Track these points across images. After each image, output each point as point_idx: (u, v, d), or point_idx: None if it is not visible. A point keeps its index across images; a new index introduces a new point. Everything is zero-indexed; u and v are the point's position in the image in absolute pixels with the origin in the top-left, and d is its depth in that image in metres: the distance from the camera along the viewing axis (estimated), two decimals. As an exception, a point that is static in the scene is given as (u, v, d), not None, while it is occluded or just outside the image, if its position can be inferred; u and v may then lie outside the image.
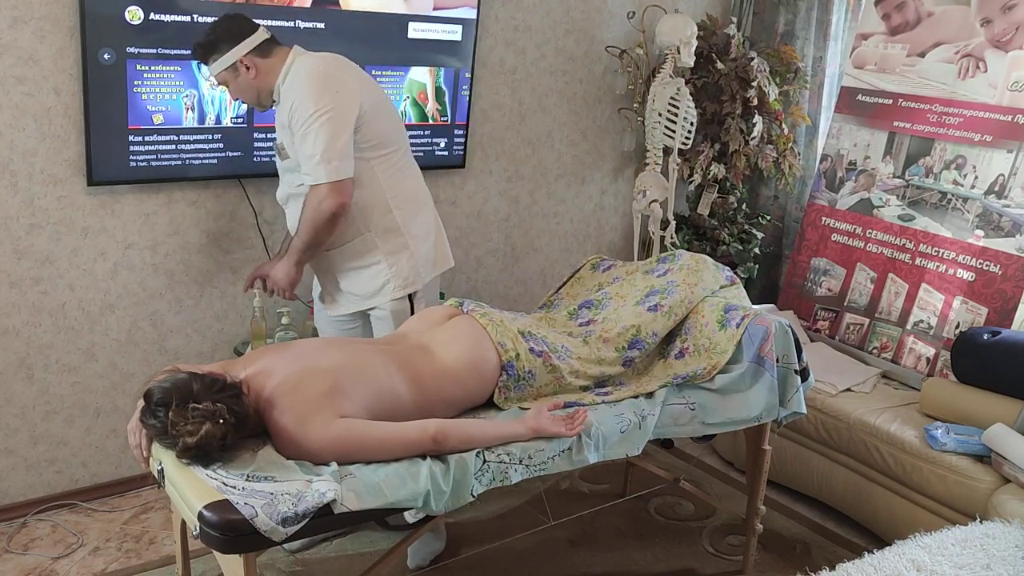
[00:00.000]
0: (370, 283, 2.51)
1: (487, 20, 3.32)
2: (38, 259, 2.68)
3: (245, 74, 2.38)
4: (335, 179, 2.31)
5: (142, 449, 1.90)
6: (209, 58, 2.39)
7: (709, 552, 2.80)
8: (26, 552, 2.62)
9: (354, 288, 2.53)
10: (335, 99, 2.32)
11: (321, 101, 2.30)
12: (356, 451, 1.84)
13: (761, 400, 2.32)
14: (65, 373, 2.80)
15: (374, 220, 2.47)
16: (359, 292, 2.53)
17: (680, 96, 3.37)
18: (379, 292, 2.51)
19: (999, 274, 2.98)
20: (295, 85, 2.35)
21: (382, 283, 2.50)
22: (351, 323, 2.65)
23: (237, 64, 2.37)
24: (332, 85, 2.34)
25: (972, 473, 2.57)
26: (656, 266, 2.58)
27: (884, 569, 1.89)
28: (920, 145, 3.32)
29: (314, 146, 2.30)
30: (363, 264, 2.50)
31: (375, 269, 2.50)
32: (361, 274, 2.51)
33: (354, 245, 2.48)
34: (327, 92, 2.32)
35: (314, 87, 2.32)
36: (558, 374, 2.22)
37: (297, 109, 2.31)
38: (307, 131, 2.30)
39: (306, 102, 2.30)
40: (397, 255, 2.50)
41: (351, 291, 2.54)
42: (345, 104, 2.34)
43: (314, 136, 2.29)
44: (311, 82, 2.33)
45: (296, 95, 2.33)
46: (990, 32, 3.14)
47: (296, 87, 2.34)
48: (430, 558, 2.63)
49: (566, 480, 3.17)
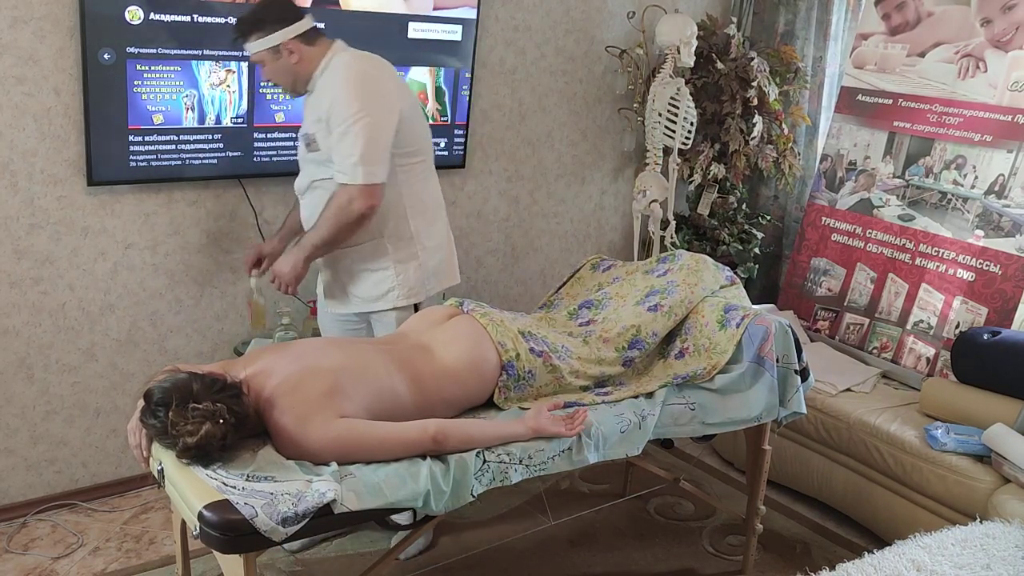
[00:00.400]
0: (375, 287, 2.51)
1: (487, 20, 3.32)
2: (38, 259, 2.68)
3: (287, 58, 2.37)
4: (370, 182, 2.31)
5: (142, 449, 1.90)
6: (251, 35, 2.36)
7: (709, 552, 2.80)
8: (26, 552, 2.62)
9: (359, 290, 2.53)
10: (379, 103, 2.33)
11: (365, 102, 2.30)
12: (356, 451, 1.84)
13: (761, 400, 2.32)
14: (65, 373, 2.80)
15: (389, 226, 2.47)
16: (363, 295, 2.53)
17: (680, 96, 3.37)
18: (383, 298, 2.51)
19: (999, 274, 2.98)
20: (338, 81, 2.34)
21: (387, 289, 2.50)
22: (356, 324, 2.64)
23: (280, 47, 2.35)
24: (377, 88, 2.35)
25: (972, 473, 2.57)
26: (656, 266, 2.58)
27: (884, 569, 1.89)
28: (920, 145, 3.32)
29: (353, 146, 2.29)
30: (371, 268, 2.50)
31: (382, 274, 2.50)
32: (368, 277, 2.51)
33: (365, 248, 2.48)
34: (371, 94, 2.33)
35: (359, 87, 2.32)
36: (558, 374, 2.22)
37: (339, 106, 2.30)
38: (347, 130, 2.30)
39: (350, 101, 2.30)
40: (406, 264, 2.50)
41: (355, 292, 2.54)
42: (388, 109, 2.35)
43: (354, 137, 2.29)
44: (356, 82, 2.33)
45: (339, 92, 2.32)
46: (990, 32, 3.14)
47: (339, 84, 2.33)
48: (414, 552, 2.66)
49: (566, 480, 3.17)
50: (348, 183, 2.31)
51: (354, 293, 2.55)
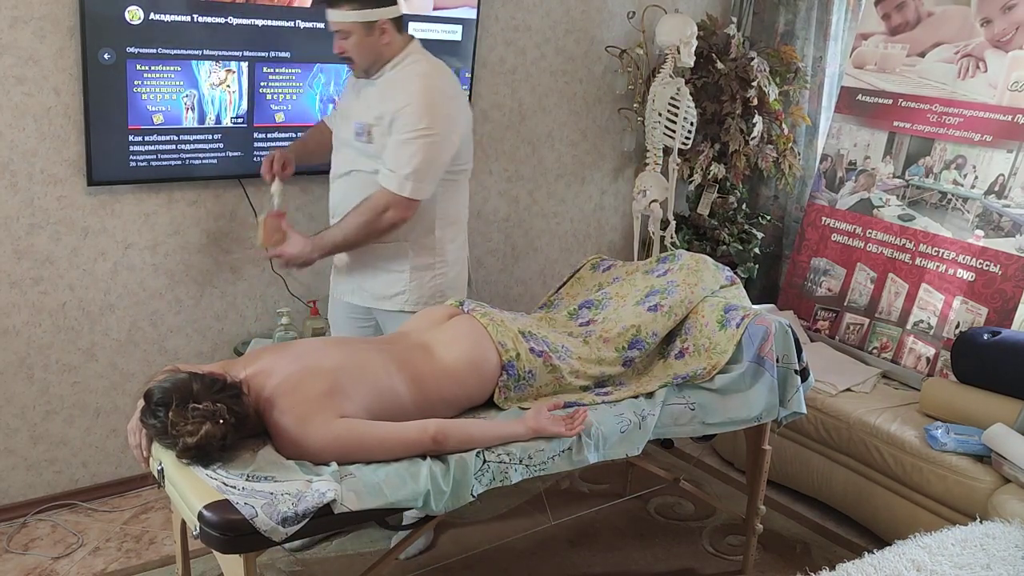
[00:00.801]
0: (386, 287, 2.52)
1: (487, 20, 3.32)
2: (38, 259, 2.68)
3: (378, 37, 2.35)
4: (412, 197, 2.34)
5: (142, 449, 1.90)
6: (347, 2, 2.31)
7: (709, 552, 2.80)
8: (26, 552, 2.62)
9: (370, 285, 2.53)
10: (446, 125, 2.36)
11: (434, 121, 2.32)
12: (356, 451, 1.84)
13: (761, 400, 2.32)
14: (65, 373, 2.80)
15: (414, 234, 2.48)
16: (373, 291, 2.53)
17: (680, 96, 3.37)
18: (391, 298, 2.51)
19: (999, 274, 2.98)
20: (413, 88, 2.34)
21: (397, 291, 2.51)
22: (365, 321, 2.64)
23: (377, 24, 2.34)
24: (447, 109, 2.37)
25: (972, 473, 2.57)
26: (656, 266, 2.58)
27: (884, 569, 1.89)
28: (920, 145, 3.32)
29: (411, 159, 2.31)
30: (387, 267, 2.50)
31: (396, 276, 2.50)
32: (381, 275, 2.51)
33: (387, 247, 2.48)
34: (442, 115, 2.35)
35: (432, 103, 2.34)
36: (558, 374, 2.22)
37: (408, 114, 2.31)
38: (410, 141, 2.31)
39: (421, 114, 2.31)
40: (423, 272, 2.51)
41: (366, 287, 2.54)
42: (452, 132, 2.39)
43: (414, 150, 2.31)
44: (430, 94, 2.34)
45: (412, 100, 2.32)
46: (990, 32, 3.14)
47: (414, 92, 2.33)
48: (414, 552, 2.66)
49: (566, 480, 3.17)
50: (393, 191, 2.33)
51: (364, 287, 2.54)
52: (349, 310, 2.65)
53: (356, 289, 2.57)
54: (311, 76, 2.93)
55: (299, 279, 3.11)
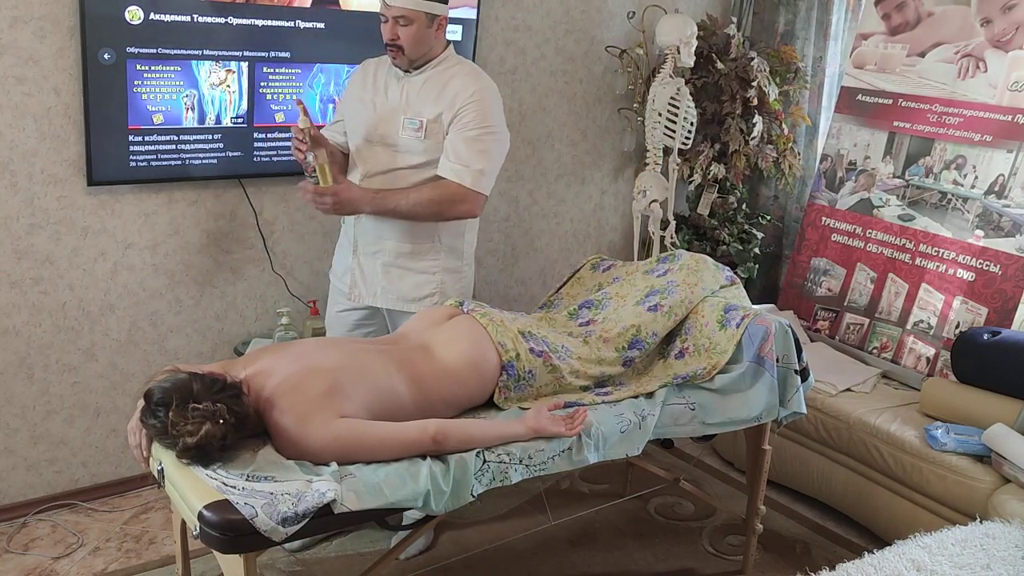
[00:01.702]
0: (415, 289, 2.52)
1: (487, 20, 3.32)
2: (38, 259, 2.68)
3: (436, 31, 2.38)
4: (484, 192, 2.41)
5: (142, 449, 1.90)
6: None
7: (709, 552, 2.80)
8: (26, 552, 2.62)
9: (396, 287, 2.53)
10: (503, 126, 2.48)
11: (499, 121, 2.45)
12: (356, 451, 1.84)
13: (761, 400, 2.32)
14: (65, 373, 2.80)
15: (447, 235, 2.51)
16: (400, 293, 2.53)
17: (680, 96, 3.37)
18: (419, 301, 2.52)
19: (999, 274, 2.98)
20: (473, 87, 2.38)
21: (427, 293, 2.52)
22: (370, 325, 2.63)
23: (438, 17, 2.36)
24: (502, 111, 2.49)
25: (972, 473, 2.57)
26: (656, 266, 2.58)
27: (884, 569, 1.89)
28: (920, 145, 3.32)
29: (482, 155, 2.38)
30: (417, 268, 2.51)
31: (426, 278, 2.52)
32: (411, 277, 2.52)
33: (420, 248, 2.50)
34: (500, 114, 2.47)
35: (494, 103, 2.43)
36: (558, 374, 2.22)
37: (475, 111, 2.36)
38: (478, 138, 2.37)
39: (488, 112, 2.39)
40: (452, 275, 2.54)
41: (391, 289, 2.53)
42: (507, 134, 2.50)
43: (484, 147, 2.38)
44: (492, 96, 2.43)
45: (475, 98, 2.37)
46: (990, 32, 3.14)
47: (476, 90, 2.38)
48: (414, 552, 2.66)
49: (566, 480, 3.17)
50: (468, 186, 2.37)
51: (391, 289, 2.53)
52: (356, 315, 2.63)
53: (380, 292, 2.55)
54: (311, 76, 2.93)
55: (299, 279, 3.11)
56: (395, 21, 2.33)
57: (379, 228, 2.49)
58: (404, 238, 2.48)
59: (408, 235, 2.47)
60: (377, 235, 2.50)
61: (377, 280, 2.54)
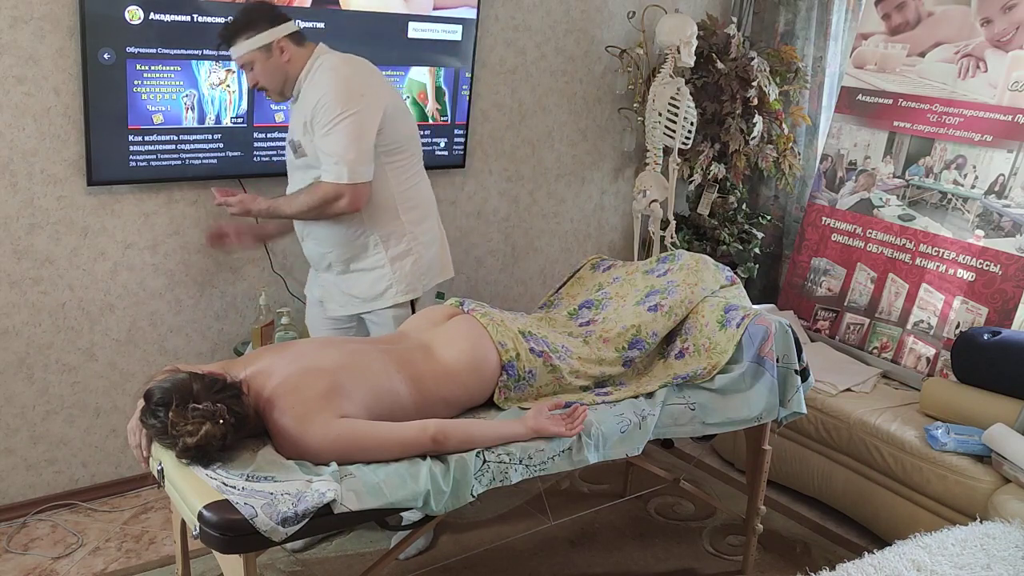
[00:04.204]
0: (372, 287, 2.51)
1: (487, 20, 3.32)
2: (38, 259, 2.68)
3: (278, 57, 2.37)
4: (355, 181, 2.32)
5: (142, 449, 1.90)
6: (240, 36, 2.35)
7: (709, 552, 2.80)
8: (26, 552, 2.62)
9: (355, 290, 2.53)
10: (361, 102, 2.33)
11: (348, 102, 2.31)
12: (356, 451, 1.84)
13: (761, 400, 2.32)
14: (65, 373, 2.80)
15: (382, 224, 2.47)
16: (360, 295, 2.53)
17: (680, 96, 3.37)
18: (381, 296, 2.51)
19: (999, 274, 2.98)
20: (321, 82, 2.34)
21: (384, 287, 2.50)
22: (347, 324, 2.64)
23: (272, 45, 2.35)
24: (359, 87, 2.35)
25: (972, 473, 2.57)
26: (656, 266, 2.58)
27: (884, 569, 1.89)
28: (920, 145, 3.32)
29: (336, 145, 2.30)
30: (367, 267, 2.50)
31: (379, 273, 2.50)
32: (364, 277, 2.51)
33: (359, 247, 2.48)
34: (354, 93, 2.33)
35: (342, 86, 2.32)
36: (558, 374, 2.22)
37: (322, 107, 2.31)
38: (331, 130, 2.30)
39: (333, 101, 2.30)
40: (402, 260, 2.51)
41: (352, 293, 2.54)
42: (370, 107, 2.35)
43: (337, 135, 2.30)
44: (338, 81, 2.33)
45: (322, 92, 2.32)
46: (990, 32, 3.14)
47: (322, 84, 2.33)
48: (414, 552, 2.66)
49: (566, 480, 3.17)
50: (334, 181, 2.32)
51: (351, 294, 2.54)
52: (332, 323, 2.65)
53: (345, 301, 2.56)
54: (311, 76, 2.93)
55: (299, 279, 3.11)
56: (243, 69, 2.41)
57: (319, 245, 2.51)
58: (341, 244, 2.47)
59: (339, 241, 2.47)
60: (320, 252, 2.52)
61: (339, 290, 2.56)
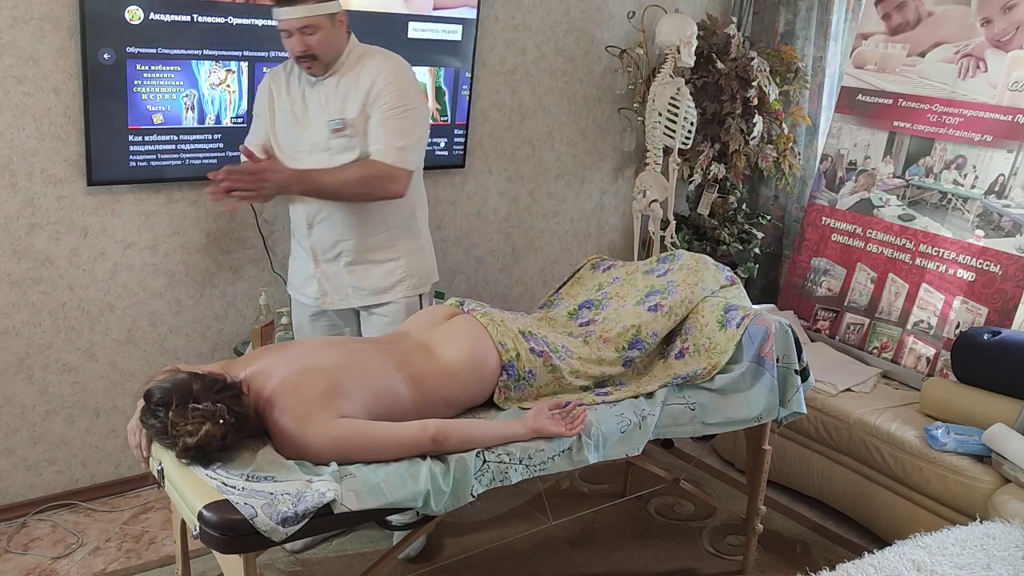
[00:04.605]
0: (384, 278, 2.52)
1: (487, 20, 3.32)
2: (38, 259, 2.68)
3: (339, 28, 2.37)
4: (409, 169, 2.39)
5: (142, 449, 1.90)
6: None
7: (709, 552, 2.80)
8: (26, 552, 2.62)
9: (365, 282, 2.53)
10: (421, 99, 2.46)
11: (414, 96, 2.42)
12: (356, 451, 1.84)
13: (761, 400, 2.32)
14: (65, 373, 2.80)
15: (401, 219, 2.52)
16: (369, 287, 2.53)
17: (680, 96, 3.37)
18: (392, 288, 2.52)
19: (999, 274, 2.98)
20: (383, 67, 2.39)
21: (398, 279, 2.52)
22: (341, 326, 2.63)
23: (337, 16, 2.34)
24: (416, 86, 2.48)
25: (972, 473, 2.57)
26: (656, 266, 2.58)
27: (884, 569, 1.89)
28: (920, 145, 3.32)
29: (402, 132, 2.37)
30: (381, 259, 2.51)
31: (392, 265, 2.52)
32: (376, 269, 2.52)
33: (377, 240, 2.50)
34: (417, 90, 2.46)
35: (408, 78, 2.44)
36: (558, 374, 2.22)
37: (388, 92, 2.36)
38: (399, 115, 2.36)
39: (402, 89, 2.38)
40: (415, 256, 2.56)
41: (360, 285, 2.53)
42: (425, 107, 2.50)
43: (404, 122, 2.37)
44: (404, 73, 2.43)
45: (388, 80, 2.37)
46: (990, 32, 3.14)
47: (387, 72, 2.38)
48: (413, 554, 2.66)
49: (566, 480, 3.17)
50: (391, 163, 2.36)
51: (359, 287, 2.53)
52: (324, 320, 2.63)
53: (352, 292, 2.55)
54: (311, 76, 2.93)
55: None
56: (300, 32, 2.30)
57: (333, 232, 2.48)
58: (359, 234, 2.47)
59: (362, 230, 2.47)
60: (332, 240, 2.49)
61: (344, 282, 2.54)
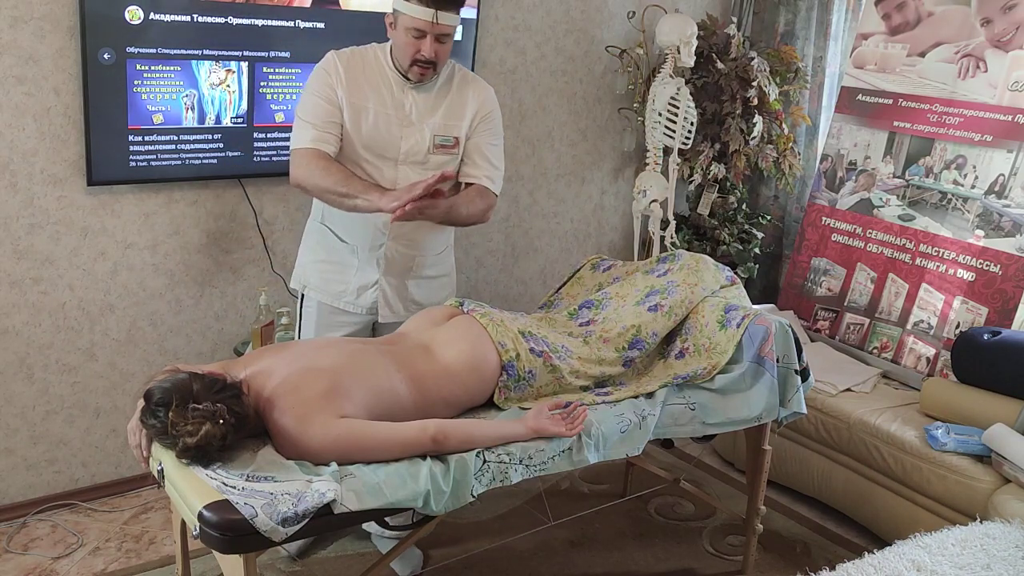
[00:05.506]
0: (438, 293, 2.55)
1: (487, 20, 3.32)
2: (38, 259, 2.68)
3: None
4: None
5: (142, 449, 1.90)
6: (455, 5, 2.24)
7: (709, 552, 2.80)
8: (26, 552, 2.62)
9: (421, 296, 2.53)
10: None
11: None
12: (356, 451, 1.84)
13: (761, 400, 2.32)
14: (65, 373, 2.80)
15: (452, 237, 2.59)
16: (422, 300, 2.53)
17: (680, 96, 3.37)
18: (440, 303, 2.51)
19: (999, 274, 2.98)
20: (489, 94, 2.44)
21: (446, 294, 2.56)
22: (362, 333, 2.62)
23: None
24: None
25: (972, 473, 2.57)
26: (656, 266, 2.58)
27: (884, 569, 1.89)
28: (920, 145, 3.32)
29: (501, 162, 2.46)
30: (439, 274, 2.56)
31: (444, 280, 2.58)
32: (431, 283, 2.54)
33: (439, 256, 2.54)
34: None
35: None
36: (558, 374, 2.22)
37: (493, 120, 2.43)
38: (498, 145, 2.45)
39: (500, 119, 2.47)
40: (454, 270, 2.65)
41: (415, 299, 2.52)
42: None
43: (500, 152, 2.46)
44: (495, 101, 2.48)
45: (492, 106, 2.43)
46: (990, 32, 3.14)
47: (492, 98, 2.44)
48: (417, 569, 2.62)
49: (566, 480, 3.17)
50: (495, 193, 2.43)
51: (414, 300, 2.52)
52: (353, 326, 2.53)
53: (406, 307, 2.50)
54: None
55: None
56: (437, 39, 2.20)
57: (410, 247, 2.44)
58: (431, 250, 2.50)
59: (433, 247, 2.50)
60: (407, 255, 2.45)
61: (407, 296, 2.51)
